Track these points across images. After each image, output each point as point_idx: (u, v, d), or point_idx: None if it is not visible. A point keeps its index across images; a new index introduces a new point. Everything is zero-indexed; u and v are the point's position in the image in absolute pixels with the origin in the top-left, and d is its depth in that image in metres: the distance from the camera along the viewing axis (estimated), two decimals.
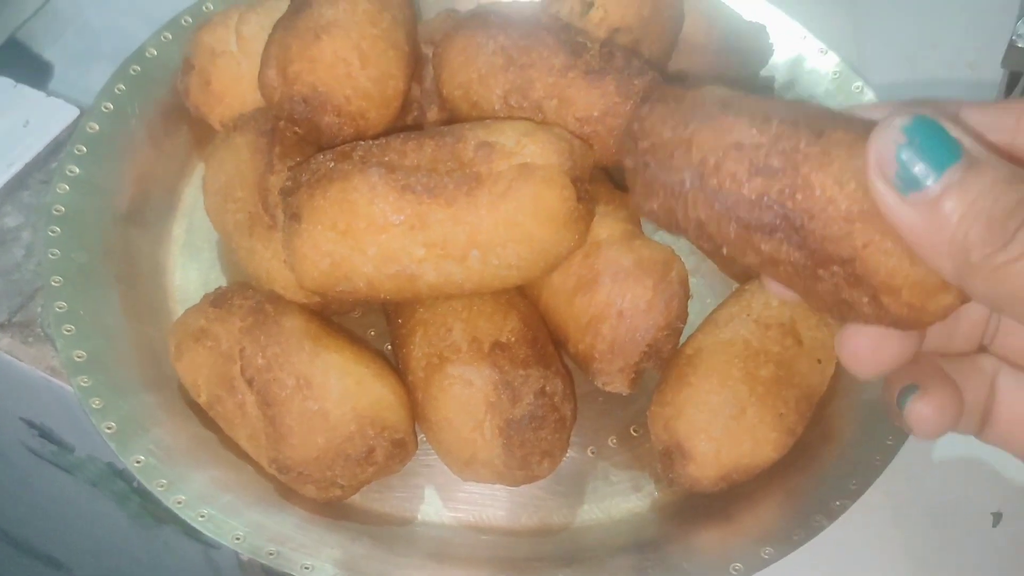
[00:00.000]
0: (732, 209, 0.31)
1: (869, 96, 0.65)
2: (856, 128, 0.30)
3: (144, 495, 0.63)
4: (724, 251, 0.33)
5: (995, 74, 0.67)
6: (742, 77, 0.63)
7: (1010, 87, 0.66)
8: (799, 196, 0.30)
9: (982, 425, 0.35)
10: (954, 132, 0.28)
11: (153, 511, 0.66)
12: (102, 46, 0.72)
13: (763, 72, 0.66)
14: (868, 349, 0.33)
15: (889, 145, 0.28)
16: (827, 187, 0.29)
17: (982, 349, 0.36)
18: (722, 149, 0.31)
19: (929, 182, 0.27)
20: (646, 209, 0.35)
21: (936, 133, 0.28)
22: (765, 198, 0.30)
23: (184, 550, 0.69)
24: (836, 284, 0.31)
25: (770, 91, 0.66)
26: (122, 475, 0.63)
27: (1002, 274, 0.27)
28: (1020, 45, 0.61)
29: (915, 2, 0.81)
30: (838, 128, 0.30)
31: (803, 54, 0.67)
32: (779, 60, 0.66)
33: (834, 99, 0.65)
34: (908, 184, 0.28)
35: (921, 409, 0.33)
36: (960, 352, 0.36)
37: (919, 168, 0.27)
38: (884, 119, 0.28)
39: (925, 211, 0.28)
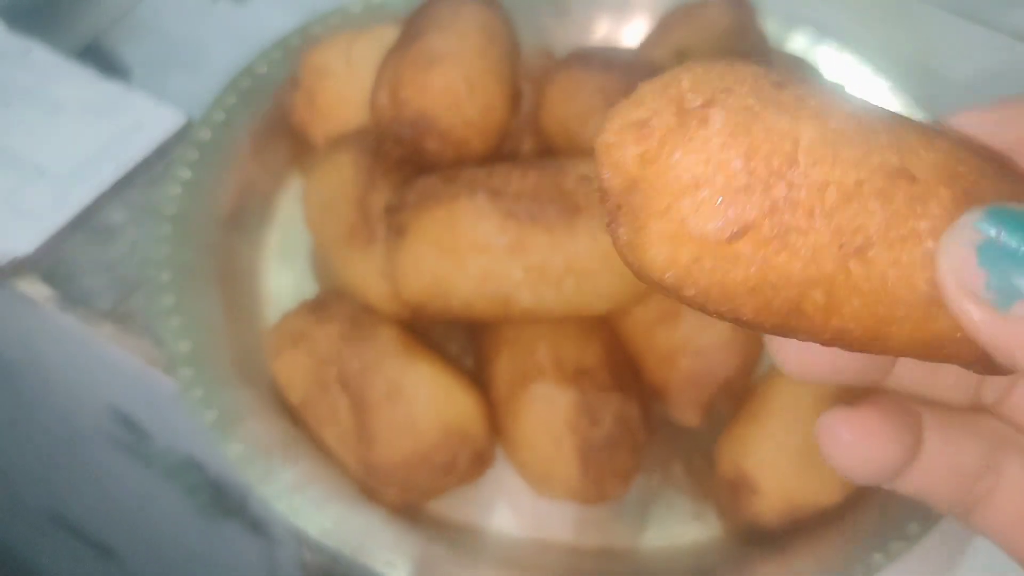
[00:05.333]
0: None
1: None
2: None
3: (218, 486, 0.66)
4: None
5: None
6: None
7: None
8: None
9: (970, 507, 0.25)
10: None
11: (223, 504, 0.68)
12: (180, 55, 0.74)
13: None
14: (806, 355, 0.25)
15: (966, 250, 0.20)
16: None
17: (980, 407, 0.26)
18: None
19: None
20: None
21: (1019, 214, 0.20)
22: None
23: (244, 547, 0.71)
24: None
25: None
26: (199, 466, 0.65)
27: None
28: None
29: (983, 40, 0.80)
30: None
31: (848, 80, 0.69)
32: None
33: None
34: (1008, 293, 0.20)
35: (837, 430, 0.24)
36: (944, 400, 0.27)
37: (1015, 263, 0.20)
38: (951, 226, 0.21)
39: None
